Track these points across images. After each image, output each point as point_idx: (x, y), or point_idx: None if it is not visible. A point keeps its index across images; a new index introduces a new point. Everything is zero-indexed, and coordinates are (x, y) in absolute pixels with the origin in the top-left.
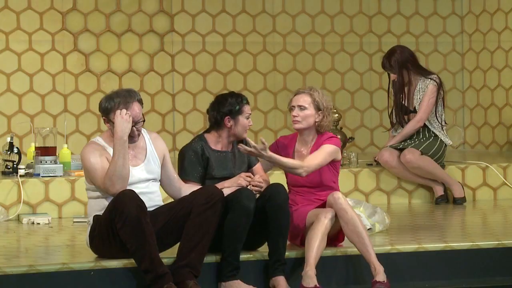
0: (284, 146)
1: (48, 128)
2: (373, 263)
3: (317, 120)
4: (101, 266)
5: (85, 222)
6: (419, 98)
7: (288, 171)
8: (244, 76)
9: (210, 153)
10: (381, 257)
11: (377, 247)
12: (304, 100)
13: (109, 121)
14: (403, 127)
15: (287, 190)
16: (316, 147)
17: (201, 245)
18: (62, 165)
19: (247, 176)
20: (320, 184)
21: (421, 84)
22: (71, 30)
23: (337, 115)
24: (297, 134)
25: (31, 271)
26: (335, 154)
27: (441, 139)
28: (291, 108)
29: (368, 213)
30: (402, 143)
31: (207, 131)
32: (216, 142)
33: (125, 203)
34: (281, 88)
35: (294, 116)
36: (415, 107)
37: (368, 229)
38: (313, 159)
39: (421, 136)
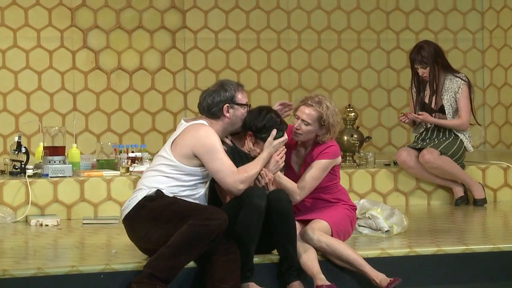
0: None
1: (56, 127)
2: (372, 277)
3: (319, 134)
4: (111, 269)
5: (114, 219)
6: (449, 97)
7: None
8: (258, 73)
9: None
10: (398, 260)
11: (394, 250)
12: (310, 115)
13: (232, 107)
14: (426, 128)
15: None
16: (311, 155)
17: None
18: (71, 165)
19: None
20: (317, 186)
21: (449, 83)
22: (81, 27)
23: (353, 113)
24: None
25: (39, 274)
26: (331, 165)
27: (461, 139)
28: (295, 116)
29: (385, 214)
30: (421, 142)
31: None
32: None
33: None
34: (296, 86)
35: (297, 129)
36: (440, 106)
37: (386, 231)
38: (309, 181)
39: (440, 136)
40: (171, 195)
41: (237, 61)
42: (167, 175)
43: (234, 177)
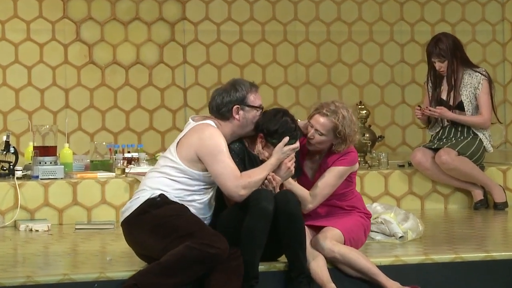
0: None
1: (47, 126)
2: (386, 286)
3: (334, 143)
4: (105, 277)
5: (109, 224)
6: (469, 93)
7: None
8: (262, 68)
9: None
10: (414, 268)
11: (409, 257)
12: (324, 125)
13: (242, 109)
14: (442, 127)
15: None
16: (327, 161)
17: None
18: (63, 166)
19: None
20: (332, 193)
21: (468, 78)
22: (73, 18)
23: (365, 111)
24: None
25: (29, 282)
26: (347, 173)
27: (480, 138)
28: (309, 123)
29: (399, 219)
30: (437, 142)
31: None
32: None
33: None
34: (304, 81)
35: (310, 138)
36: (458, 102)
37: (400, 237)
38: (322, 188)
39: (458, 135)
40: (176, 199)
41: (241, 55)
42: (172, 177)
43: (236, 181)
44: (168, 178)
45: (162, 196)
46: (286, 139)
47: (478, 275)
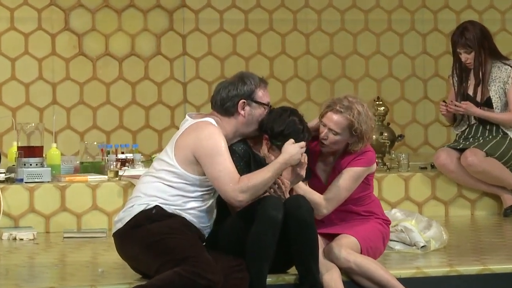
0: (312, 151)
1: (33, 124)
2: None
3: (350, 142)
4: None
5: (100, 232)
6: (498, 88)
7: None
8: (270, 60)
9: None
10: (437, 280)
11: (432, 269)
12: (338, 123)
13: (249, 104)
14: (469, 125)
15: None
16: (341, 162)
17: None
18: (50, 168)
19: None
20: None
21: (496, 72)
22: (61, 6)
23: (383, 108)
24: None
25: None
26: (364, 174)
27: (510, 138)
28: (321, 122)
29: (421, 227)
30: (463, 142)
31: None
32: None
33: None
34: (315, 75)
35: (323, 139)
36: (486, 98)
37: (422, 246)
38: (337, 192)
39: (486, 134)
40: (173, 209)
41: (246, 46)
42: (168, 183)
43: (234, 185)
44: (164, 183)
45: (157, 208)
46: (291, 141)
47: None
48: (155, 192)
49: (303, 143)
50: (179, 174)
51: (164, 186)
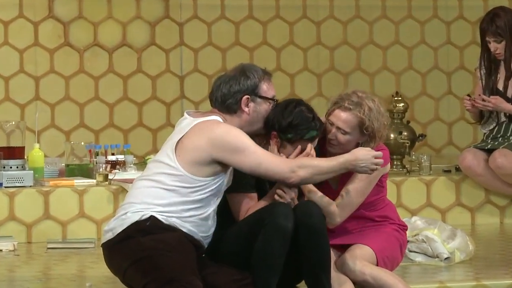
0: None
1: (13, 122)
2: None
3: (360, 142)
4: None
5: (88, 242)
6: None
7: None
8: (277, 52)
9: None
10: None
11: (457, 283)
12: (347, 122)
13: (253, 100)
14: (498, 123)
15: None
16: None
17: None
18: (32, 171)
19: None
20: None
21: None
22: None
23: (403, 104)
24: None
25: None
26: (378, 176)
27: None
28: (328, 121)
29: (445, 236)
30: (491, 142)
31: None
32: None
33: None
34: (327, 68)
35: (331, 139)
36: None
37: (445, 258)
38: (351, 197)
39: None
40: (170, 219)
41: (250, 35)
42: (168, 187)
43: (287, 162)
44: (163, 188)
45: (153, 219)
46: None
47: None
48: (151, 198)
49: (379, 153)
50: (181, 177)
51: (163, 191)
